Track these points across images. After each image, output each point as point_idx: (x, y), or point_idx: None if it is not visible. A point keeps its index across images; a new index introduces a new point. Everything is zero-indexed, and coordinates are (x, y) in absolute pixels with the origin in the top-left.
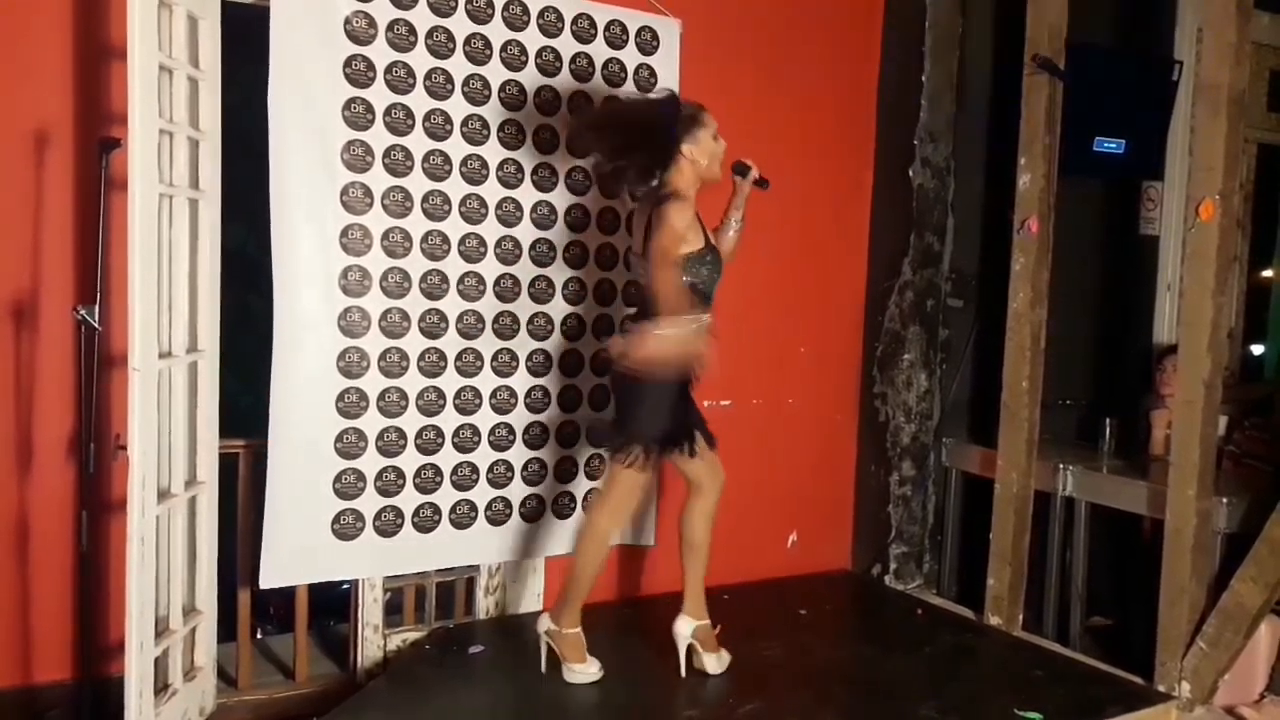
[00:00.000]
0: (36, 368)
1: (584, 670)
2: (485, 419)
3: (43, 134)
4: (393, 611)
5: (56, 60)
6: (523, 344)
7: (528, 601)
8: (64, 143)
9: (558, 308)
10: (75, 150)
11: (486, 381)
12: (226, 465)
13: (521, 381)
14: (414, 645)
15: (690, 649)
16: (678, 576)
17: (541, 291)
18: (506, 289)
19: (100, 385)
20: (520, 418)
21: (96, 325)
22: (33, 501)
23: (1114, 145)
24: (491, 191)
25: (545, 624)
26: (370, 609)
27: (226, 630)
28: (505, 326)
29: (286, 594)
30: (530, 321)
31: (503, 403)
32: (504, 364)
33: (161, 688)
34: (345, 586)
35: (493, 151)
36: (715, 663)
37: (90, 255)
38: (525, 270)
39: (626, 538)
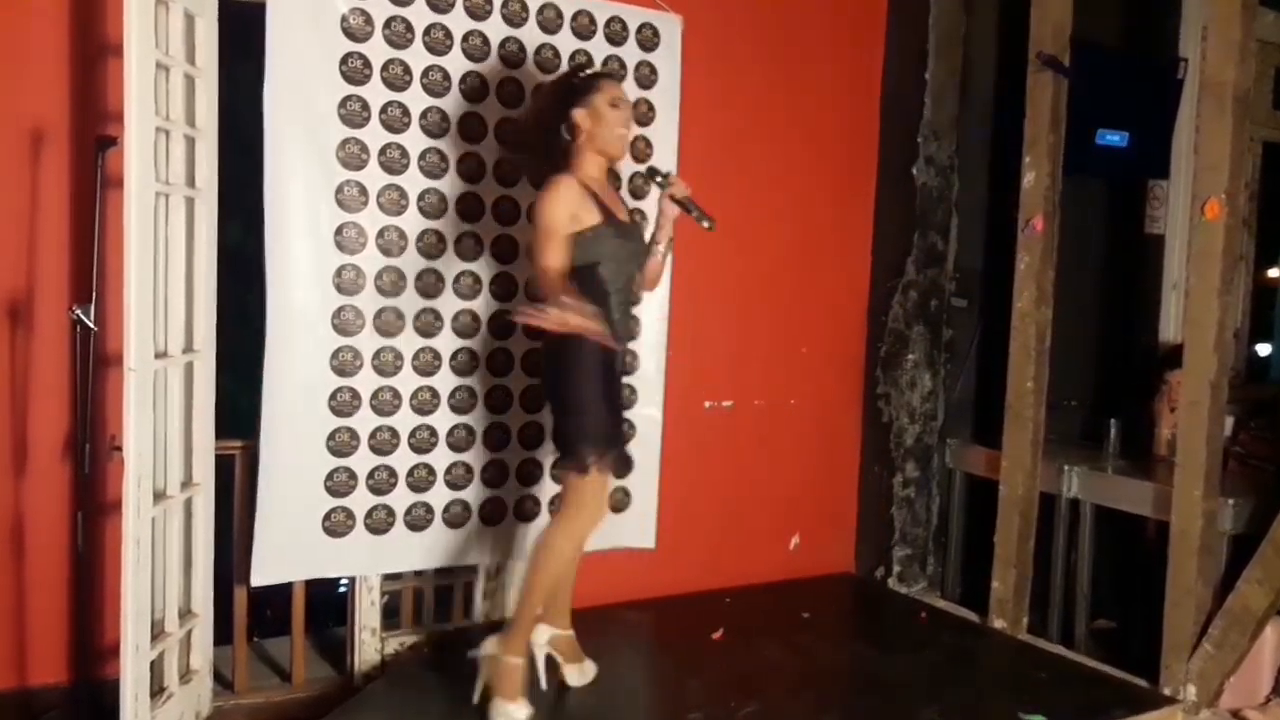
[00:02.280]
0: (31, 368)
1: (510, 712)
2: (480, 418)
3: (38, 132)
4: (390, 615)
5: (52, 58)
6: (518, 343)
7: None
8: (60, 141)
9: None
10: (71, 148)
11: (482, 381)
12: (223, 467)
13: (517, 381)
14: (411, 648)
15: (551, 659)
16: (680, 579)
17: (538, 290)
18: (503, 288)
19: (96, 385)
20: (516, 417)
21: (92, 325)
22: (28, 503)
23: (1117, 138)
24: (488, 189)
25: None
26: (368, 612)
27: (223, 633)
28: (501, 326)
29: (283, 596)
30: None
31: (498, 402)
32: (500, 364)
33: (157, 690)
34: (342, 589)
35: (489, 149)
36: (578, 674)
37: (86, 254)
38: (521, 269)
39: (624, 540)
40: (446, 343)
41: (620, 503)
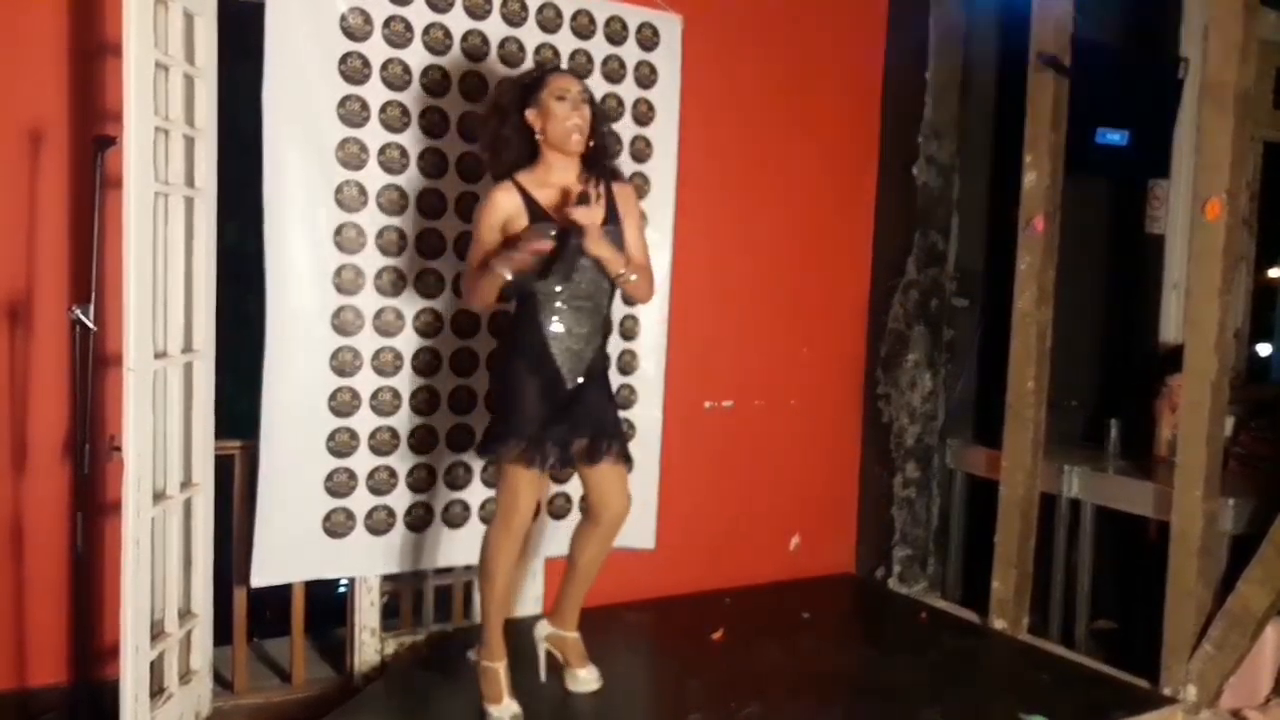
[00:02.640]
0: (31, 368)
1: (493, 714)
2: (479, 419)
3: (37, 132)
4: (390, 615)
5: (51, 57)
6: None
7: (526, 604)
8: (59, 140)
9: None
10: (70, 148)
11: (480, 381)
12: (222, 467)
13: None
14: (411, 649)
15: (552, 656)
16: (681, 579)
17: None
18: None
19: (95, 386)
20: None
21: (91, 325)
22: (27, 503)
23: (1117, 137)
24: (487, 189)
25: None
26: (367, 612)
27: (222, 633)
28: (500, 326)
29: (282, 597)
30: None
31: None
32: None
33: (157, 691)
34: (342, 590)
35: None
36: (575, 680)
37: (85, 254)
38: None
39: (624, 541)
40: (445, 342)
41: None
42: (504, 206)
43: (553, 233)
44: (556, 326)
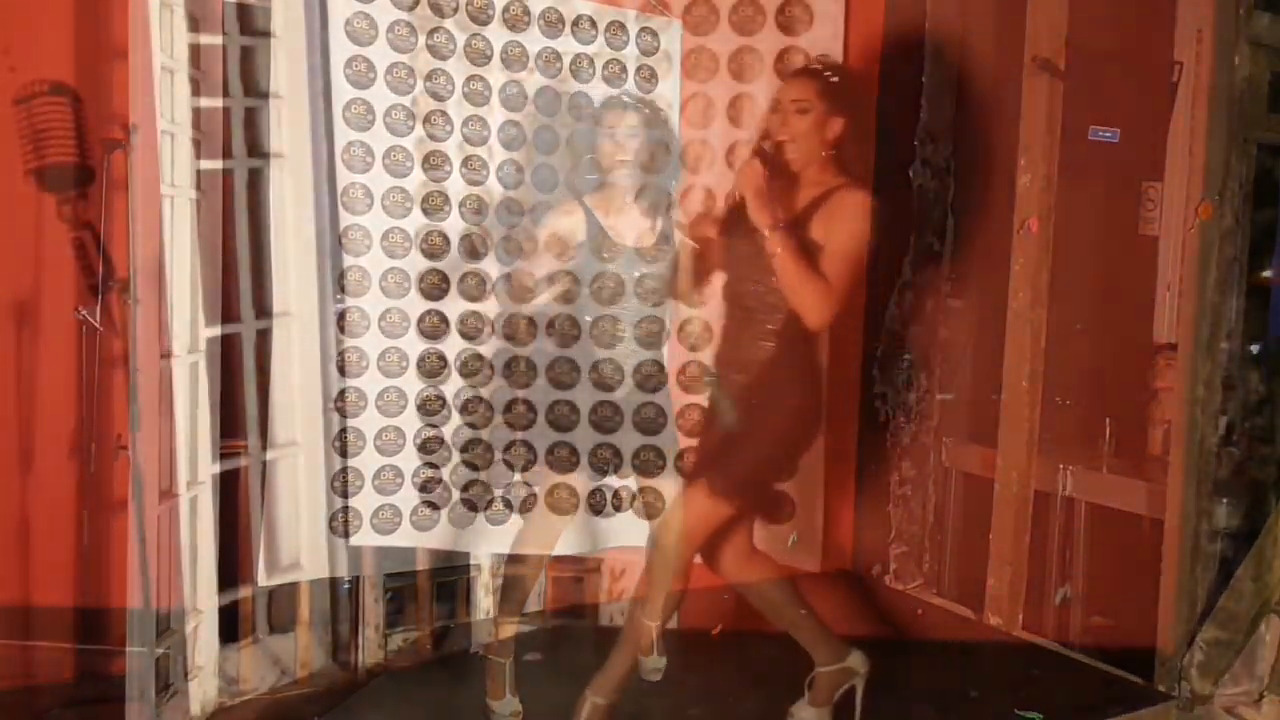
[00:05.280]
0: (38, 368)
1: (495, 709)
2: (485, 419)
3: (44, 134)
4: (394, 610)
5: (58, 60)
6: (523, 345)
7: (529, 600)
8: (66, 143)
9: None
10: (77, 150)
11: (488, 383)
12: (228, 465)
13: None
14: (415, 644)
15: None
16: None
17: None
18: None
19: (101, 385)
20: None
21: (98, 325)
22: (34, 501)
23: (1109, 135)
24: (491, 191)
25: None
26: (371, 608)
27: (228, 630)
28: (505, 327)
29: (288, 594)
30: (528, 322)
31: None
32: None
33: (163, 688)
34: (346, 586)
35: (492, 150)
36: (640, 665)
37: (92, 255)
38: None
39: (623, 539)
40: (451, 345)
41: (619, 502)
42: None
43: None
44: None
